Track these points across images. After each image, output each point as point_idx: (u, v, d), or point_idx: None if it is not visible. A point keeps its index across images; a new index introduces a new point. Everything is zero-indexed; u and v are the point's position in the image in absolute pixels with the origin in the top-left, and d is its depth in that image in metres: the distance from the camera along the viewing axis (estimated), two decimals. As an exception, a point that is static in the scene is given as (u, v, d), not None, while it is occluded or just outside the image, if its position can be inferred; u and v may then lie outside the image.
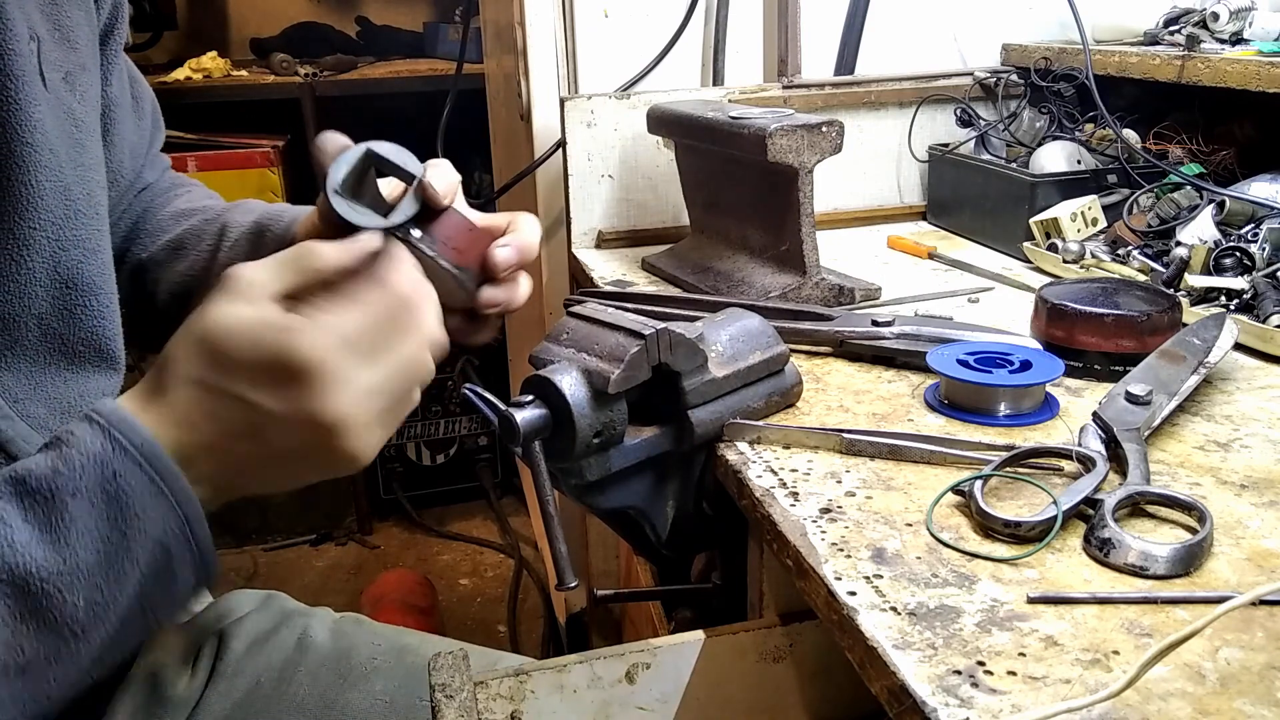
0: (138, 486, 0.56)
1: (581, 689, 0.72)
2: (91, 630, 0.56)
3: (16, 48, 0.66)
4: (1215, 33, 1.19)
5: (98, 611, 0.56)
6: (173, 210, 0.92)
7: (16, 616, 0.54)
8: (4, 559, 0.53)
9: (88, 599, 0.55)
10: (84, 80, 0.75)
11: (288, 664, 0.92)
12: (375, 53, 3.00)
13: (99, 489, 0.55)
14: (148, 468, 0.56)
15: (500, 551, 2.71)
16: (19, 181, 0.66)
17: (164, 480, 0.56)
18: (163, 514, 0.57)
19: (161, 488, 0.56)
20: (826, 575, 0.59)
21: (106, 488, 0.55)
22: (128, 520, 0.56)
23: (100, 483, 0.55)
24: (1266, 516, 0.64)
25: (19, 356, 0.69)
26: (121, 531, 0.56)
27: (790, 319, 0.95)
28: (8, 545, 0.53)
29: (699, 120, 1.13)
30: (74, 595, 0.55)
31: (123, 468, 0.56)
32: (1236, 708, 0.47)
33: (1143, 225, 1.12)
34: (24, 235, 0.67)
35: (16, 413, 0.68)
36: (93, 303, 0.72)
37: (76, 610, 0.55)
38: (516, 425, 0.67)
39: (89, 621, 0.56)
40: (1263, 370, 0.87)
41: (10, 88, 0.66)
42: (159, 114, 0.96)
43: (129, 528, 0.56)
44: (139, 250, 0.90)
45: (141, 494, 0.56)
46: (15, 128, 0.66)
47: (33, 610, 0.54)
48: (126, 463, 0.56)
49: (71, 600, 0.55)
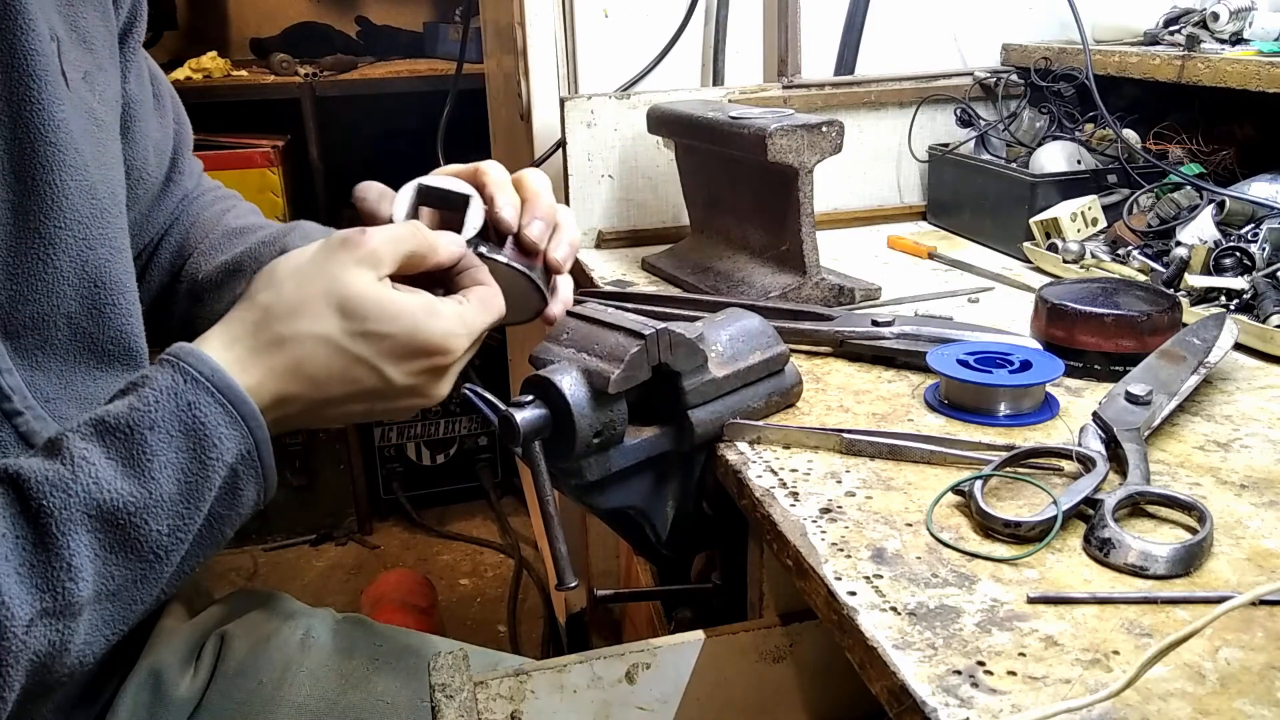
0: (212, 415, 0.60)
1: (581, 689, 0.72)
2: (174, 552, 0.60)
3: (39, 48, 0.66)
4: (1215, 33, 1.19)
5: (179, 535, 0.60)
6: (225, 229, 0.92)
7: (107, 547, 0.57)
8: (92, 496, 0.56)
9: (171, 525, 0.59)
10: (101, 80, 0.75)
11: (290, 664, 0.92)
12: (375, 53, 3.00)
13: (175, 420, 0.59)
14: (220, 396, 0.60)
15: (500, 551, 2.71)
16: (44, 181, 0.67)
17: (236, 407, 0.60)
18: (236, 440, 0.60)
19: (234, 414, 0.60)
20: (826, 575, 0.59)
21: (183, 418, 0.59)
22: (205, 449, 0.59)
23: (176, 414, 0.59)
24: (1266, 516, 0.64)
25: (49, 356, 0.69)
26: (200, 461, 0.59)
27: (790, 319, 0.95)
28: (94, 483, 0.56)
29: (699, 120, 1.13)
30: (159, 524, 0.58)
31: (196, 398, 0.59)
32: (1236, 708, 0.47)
33: (1143, 225, 1.12)
34: (50, 234, 0.67)
35: (49, 412, 0.68)
36: (120, 301, 0.73)
37: (161, 537, 0.59)
38: (516, 425, 0.67)
39: (171, 545, 0.60)
40: (1263, 370, 0.87)
41: (33, 88, 0.66)
42: (183, 113, 0.96)
43: (207, 455, 0.59)
44: (194, 269, 0.90)
45: (216, 422, 0.60)
46: (39, 128, 0.66)
47: (121, 541, 0.58)
48: (199, 393, 0.59)
49: (156, 529, 0.58)
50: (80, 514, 0.56)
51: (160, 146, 0.90)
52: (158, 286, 0.90)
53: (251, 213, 0.97)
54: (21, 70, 0.65)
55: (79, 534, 0.56)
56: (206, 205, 0.94)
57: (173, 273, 0.90)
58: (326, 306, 0.64)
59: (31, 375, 0.68)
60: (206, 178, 0.99)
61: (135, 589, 0.59)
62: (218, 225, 0.91)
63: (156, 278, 0.90)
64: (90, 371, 0.72)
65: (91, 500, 0.56)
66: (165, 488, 0.58)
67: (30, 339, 0.68)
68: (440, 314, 0.66)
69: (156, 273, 0.90)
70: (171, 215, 0.91)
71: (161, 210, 0.90)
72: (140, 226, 0.88)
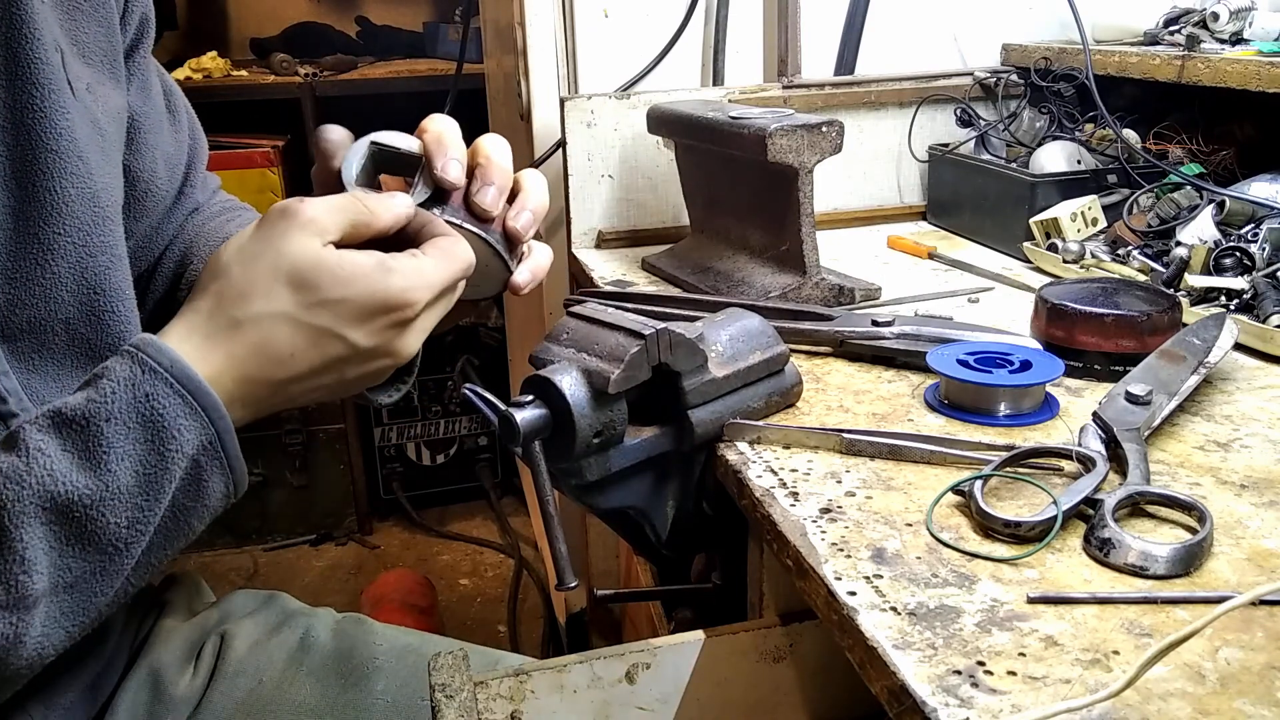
0: (170, 406, 0.59)
1: (581, 689, 0.72)
2: (133, 544, 0.59)
3: (43, 57, 0.67)
4: (1215, 33, 1.19)
5: (138, 528, 0.59)
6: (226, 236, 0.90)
7: (63, 540, 0.57)
8: (46, 488, 0.56)
9: (129, 518, 0.58)
10: (103, 92, 0.75)
11: (290, 664, 0.92)
12: (375, 53, 3.00)
13: (133, 412, 0.58)
14: (178, 386, 0.59)
15: (500, 551, 2.71)
16: (43, 188, 0.67)
17: (195, 398, 0.60)
18: (195, 431, 0.60)
19: (194, 404, 0.60)
20: (826, 575, 0.59)
21: (140, 409, 0.58)
22: (163, 440, 0.59)
23: (133, 404, 0.58)
24: (1266, 516, 0.64)
25: (46, 360, 0.69)
26: (159, 452, 0.59)
27: (790, 319, 0.95)
28: (48, 474, 0.56)
29: (699, 120, 1.13)
30: (116, 516, 0.58)
31: (154, 389, 0.59)
32: (1236, 708, 0.47)
33: (1143, 225, 1.12)
34: (50, 240, 0.67)
35: None
36: (118, 308, 0.73)
37: (119, 529, 0.58)
38: (516, 425, 0.67)
39: (131, 537, 0.59)
40: (1263, 370, 0.87)
41: (36, 96, 0.66)
42: (198, 128, 0.96)
43: (165, 447, 0.59)
44: (193, 277, 0.89)
45: (174, 413, 0.59)
46: (40, 135, 0.66)
47: (77, 534, 0.57)
48: (157, 383, 0.59)
49: (114, 521, 0.58)
50: (34, 506, 0.56)
51: (172, 160, 0.90)
52: (159, 296, 0.90)
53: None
54: (25, 79, 0.66)
55: (32, 526, 0.56)
56: (213, 216, 0.94)
57: (173, 281, 0.90)
58: (276, 282, 0.63)
59: (28, 378, 0.68)
60: (223, 193, 0.99)
61: (94, 581, 0.59)
62: (220, 234, 0.91)
63: (159, 287, 0.90)
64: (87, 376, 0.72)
65: (46, 492, 0.56)
66: (122, 479, 0.58)
67: (27, 343, 0.68)
68: (395, 269, 0.65)
69: (159, 282, 0.90)
70: (179, 227, 0.91)
71: (171, 223, 0.90)
72: (149, 239, 0.88)
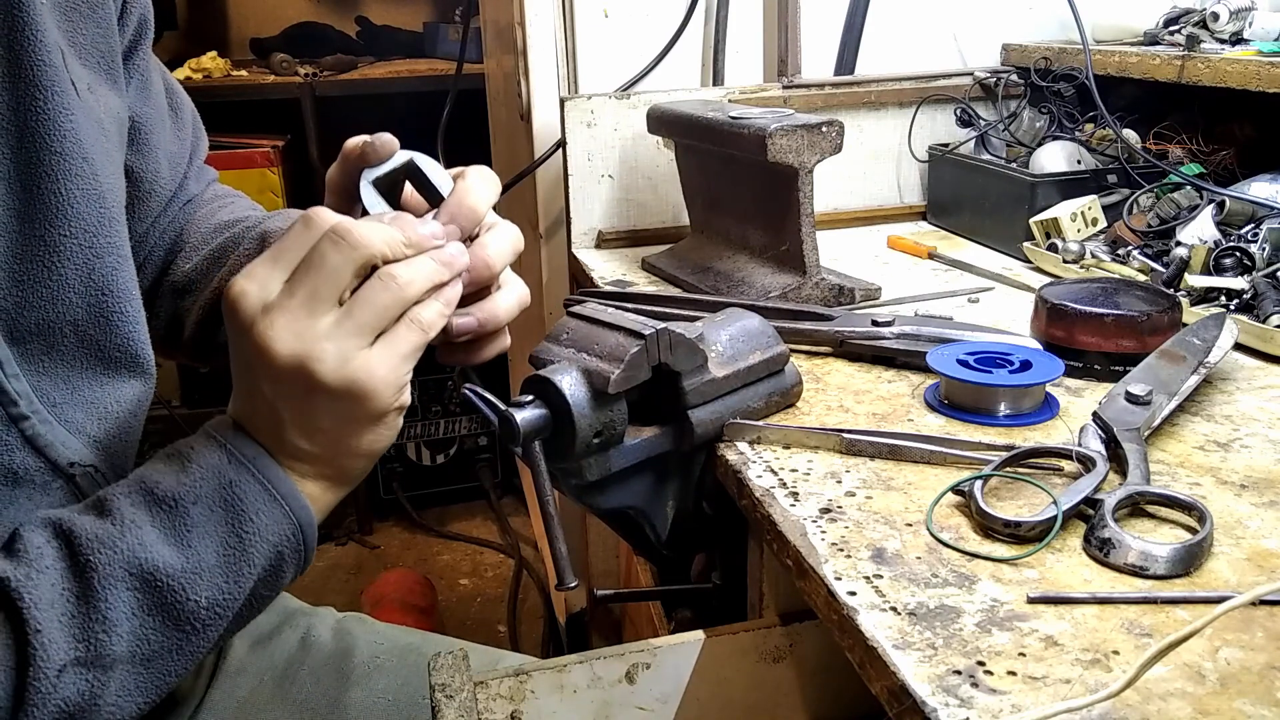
0: (252, 494, 0.61)
1: (581, 689, 0.72)
2: (212, 626, 0.61)
3: (46, 58, 0.67)
4: (1215, 33, 1.19)
5: (218, 610, 0.61)
6: (215, 223, 0.92)
7: (145, 609, 0.59)
8: (136, 556, 0.58)
9: (209, 598, 0.60)
10: (102, 94, 0.75)
11: (291, 663, 0.92)
12: (375, 53, 3.00)
13: (218, 496, 0.61)
14: (260, 476, 0.62)
15: (500, 551, 2.71)
16: (48, 190, 0.67)
17: (276, 487, 0.62)
18: (277, 520, 0.62)
19: (274, 494, 0.62)
20: (826, 575, 0.59)
21: (224, 495, 0.61)
22: (244, 524, 0.61)
23: (219, 490, 0.61)
24: (1266, 516, 0.64)
25: (56, 362, 0.69)
26: (239, 535, 0.61)
27: (790, 319, 0.95)
28: (139, 544, 0.58)
29: (699, 120, 1.13)
30: (196, 593, 0.60)
31: (238, 476, 0.61)
32: (1236, 708, 0.47)
33: (1143, 225, 1.12)
34: (55, 242, 0.68)
35: (55, 416, 0.69)
36: (126, 309, 0.73)
37: (198, 608, 0.60)
38: (516, 425, 0.67)
39: (209, 619, 0.61)
40: (1263, 370, 0.87)
41: (39, 98, 0.66)
42: (200, 124, 0.97)
43: (245, 531, 0.61)
44: (182, 264, 0.90)
45: (255, 501, 0.61)
46: (44, 137, 0.67)
47: (159, 604, 0.59)
48: (241, 472, 0.61)
49: (194, 598, 0.60)
50: (122, 571, 0.58)
51: (175, 159, 0.90)
52: (148, 284, 0.90)
53: (250, 208, 0.97)
54: (28, 80, 0.66)
55: (119, 590, 0.58)
56: (204, 204, 0.94)
57: (161, 269, 0.90)
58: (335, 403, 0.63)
59: (38, 380, 0.68)
60: (219, 185, 0.99)
61: (170, 658, 0.61)
62: (209, 221, 0.92)
63: (148, 277, 0.90)
64: (97, 377, 0.72)
65: (135, 560, 0.58)
66: (205, 557, 0.60)
67: (36, 345, 0.68)
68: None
69: (149, 270, 0.90)
70: (172, 219, 0.91)
71: (166, 216, 0.90)
72: (147, 234, 0.89)
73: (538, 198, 1.52)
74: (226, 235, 0.90)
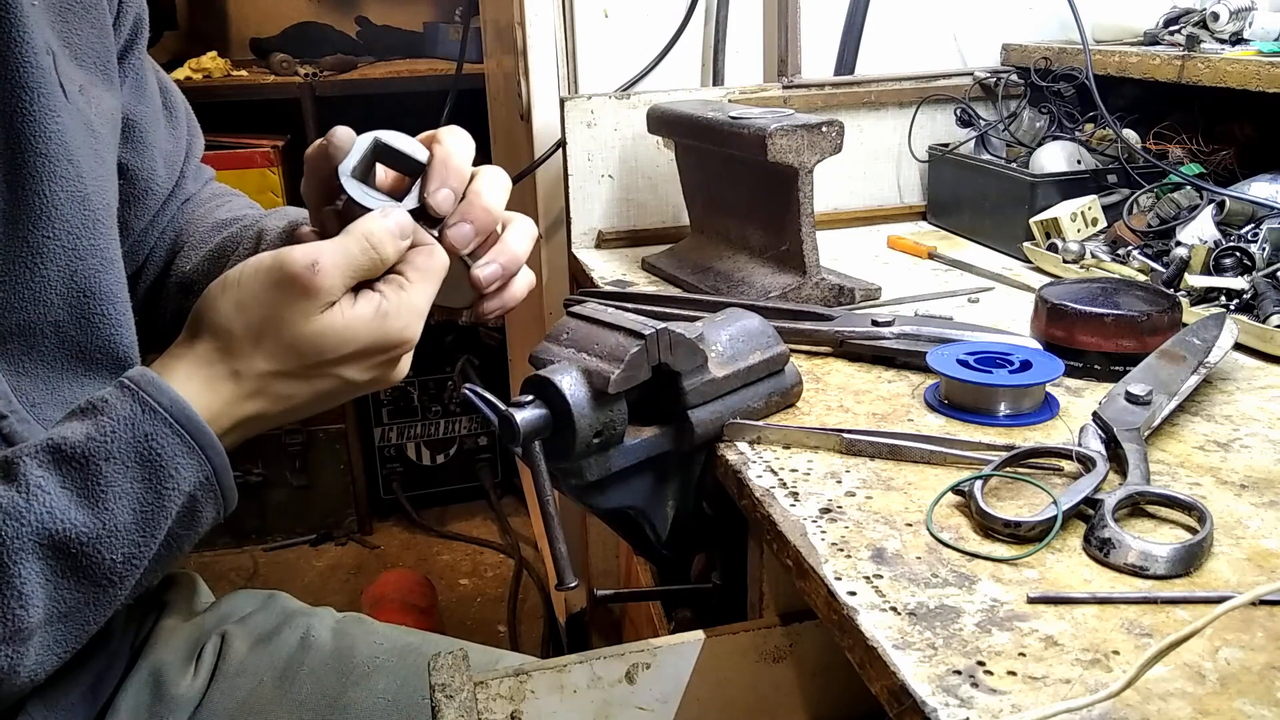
0: (169, 446, 0.60)
1: (581, 689, 0.72)
2: (128, 577, 0.61)
3: (34, 60, 0.67)
4: (1215, 33, 1.19)
5: (134, 562, 0.60)
6: (214, 221, 0.92)
7: (59, 574, 0.58)
8: (44, 525, 0.57)
9: (125, 554, 0.59)
10: (96, 94, 0.75)
11: (290, 663, 0.92)
12: (375, 53, 3.00)
13: (132, 452, 0.59)
14: (177, 426, 0.60)
15: (500, 551, 2.71)
16: (32, 191, 0.67)
17: (194, 437, 0.61)
18: (193, 469, 0.61)
19: (192, 444, 0.61)
20: (826, 575, 0.59)
21: (140, 449, 0.59)
22: (161, 479, 0.60)
23: (133, 444, 0.59)
24: (1266, 516, 0.64)
25: (36, 363, 0.69)
26: (156, 491, 0.60)
27: (790, 319, 0.95)
28: (47, 512, 0.57)
29: (699, 120, 1.13)
30: (112, 553, 0.59)
31: (153, 429, 0.60)
32: (1236, 708, 0.47)
33: (1143, 225, 1.12)
34: (38, 244, 0.68)
35: (34, 416, 0.69)
36: (110, 311, 0.73)
37: (115, 564, 0.59)
38: (516, 425, 0.67)
39: (126, 571, 0.60)
40: (1263, 370, 0.87)
41: (25, 99, 0.66)
42: (195, 123, 0.97)
43: (163, 486, 0.60)
44: (183, 263, 0.90)
45: (173, 453, 0.60)
46: (29, 139, 0.67)
47: (73, 568, 0.58)
48: (157, 423, 0.60)
49: (110, 557, 0.59)
50: (32, 543, 0.57)
51: (171, 158, 0.90)
52: (149, 284, 0.90)
53: (247, 206, 0.97)
54: (14, 82, 0.66)
55: (30, 562, 0.57)
56: (202, 203, 0.95)
57: (163, 269, 0.91)
58: (279, 346, 0.64)
59: (17, 380, 0.68)
60: (216, 183, 1.00)
61: (88, 611, 0.60)
62: (208, 219, 0.92)
63: (150, 275, 0.90)
64: (78, 378, 0.72)
65: (44, 530, 0.57)
66: (120, 518, 0.59)
67: (16, 345, 0.68)
68: (390, 312, 0.66)
69: (150, 271, 0.90)
70: (172, 218, 0.92)
71: (165, 215, 0.91)
72: (145, 234, 0.89)
73: (538, 198, 1.52)
74: (225, 234, 0.90)
